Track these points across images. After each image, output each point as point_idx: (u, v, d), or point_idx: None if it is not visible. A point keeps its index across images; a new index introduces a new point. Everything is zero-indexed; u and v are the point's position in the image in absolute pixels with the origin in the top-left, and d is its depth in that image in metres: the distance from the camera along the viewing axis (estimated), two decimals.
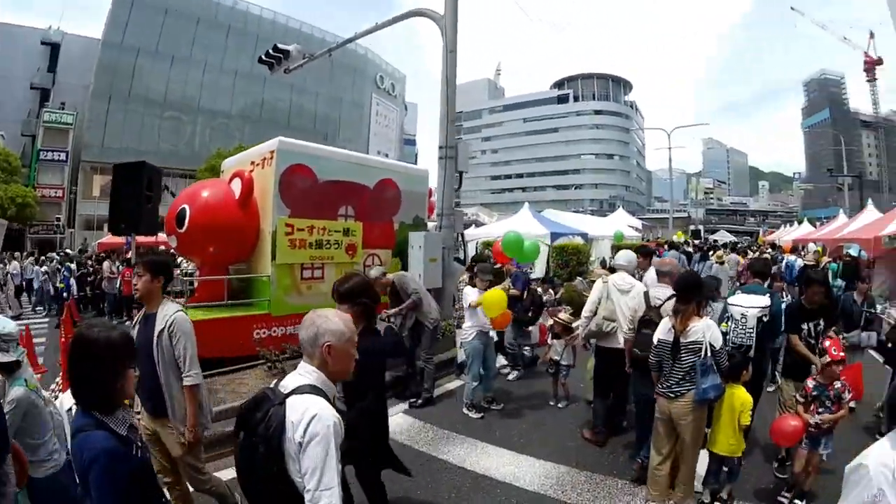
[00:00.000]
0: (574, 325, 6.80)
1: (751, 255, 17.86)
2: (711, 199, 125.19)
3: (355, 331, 2.28)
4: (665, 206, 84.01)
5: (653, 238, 29.77)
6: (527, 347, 8.52)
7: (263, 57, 13.02)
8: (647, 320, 4.80)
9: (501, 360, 8.24)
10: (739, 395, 4.22)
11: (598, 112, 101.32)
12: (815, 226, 29.31)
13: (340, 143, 45.46)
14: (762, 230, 59.25)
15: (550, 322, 7.41)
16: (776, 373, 6.42)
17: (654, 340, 4.29)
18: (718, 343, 4.04)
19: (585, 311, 5.70)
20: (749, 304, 5.12)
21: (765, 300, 5.14)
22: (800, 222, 31.72)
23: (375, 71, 65.76)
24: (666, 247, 16.95)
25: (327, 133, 54.50)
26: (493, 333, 7.14)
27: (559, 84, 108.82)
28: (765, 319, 5.06)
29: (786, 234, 30.52)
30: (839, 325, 6.48)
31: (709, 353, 3.97)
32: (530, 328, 8.59)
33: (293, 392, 2.03)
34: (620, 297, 5.46)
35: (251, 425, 2.03)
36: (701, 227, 58.16)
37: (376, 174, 9.88)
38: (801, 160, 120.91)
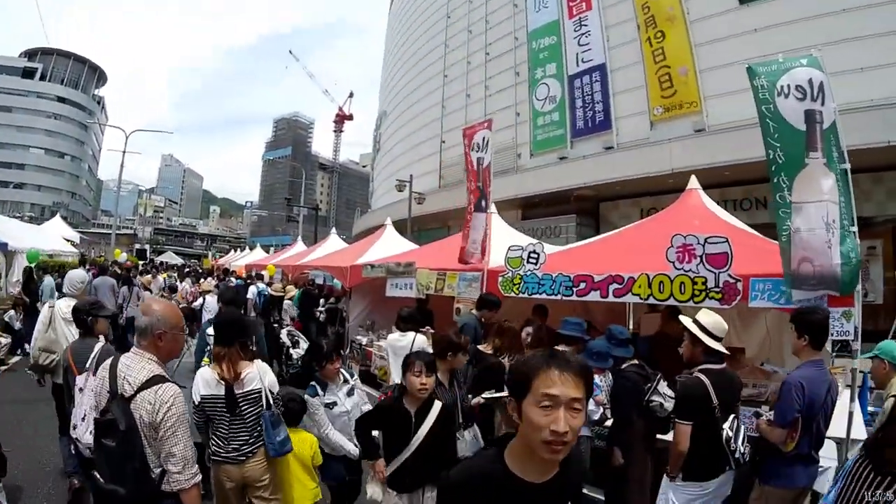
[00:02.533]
0: None
1: (210, 281, 17.47)
2: (161, 218, 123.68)
3: None
4: (112, 221, 77.08)
5: (94, 255, 27.10)
6: None
7: None
8: None
9: None
10: (304, 437, 3.94)
11: (61, 99, 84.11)
12: (267, 251, 31.47)
13: None
14: (211, 254, 61.28)
15: None
16: None
17: (196, 398, 3.55)
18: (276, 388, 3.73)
19: None
20: None
21: None
22: (251, 248, 33.14)
23: None
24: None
25: None
26: None
27: (32, 54, 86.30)
28: None
29: (237, 259, 30.71)
30: None
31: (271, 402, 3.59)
32: None
33: None
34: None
35: None
36: (147, 247, 56.95)
37: None
38: (255, 190, 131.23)
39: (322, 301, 12.83)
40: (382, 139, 44.99)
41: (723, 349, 3.82)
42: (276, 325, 11.61)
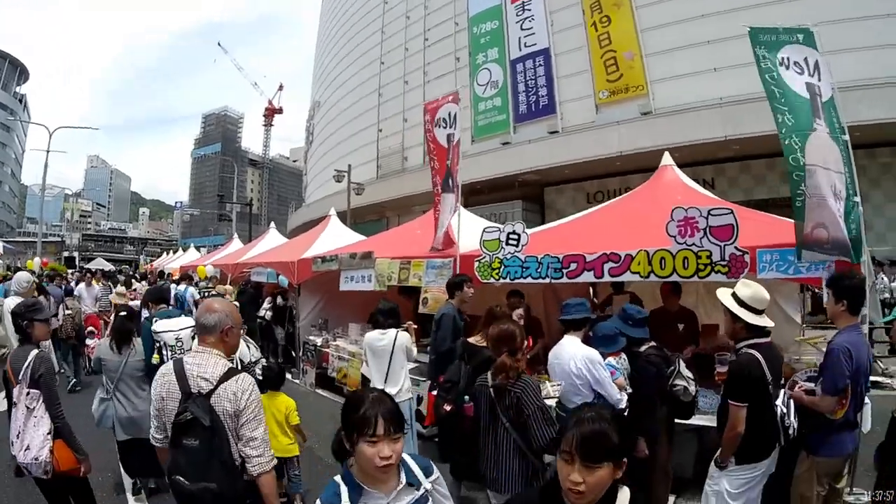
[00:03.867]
0: None
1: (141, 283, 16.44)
2: (89, 222, 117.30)
3: None
4: (38, 229, 71.01)
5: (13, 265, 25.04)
6: None
7: None
8: None
9: None
10: (282, 400, 4.73)
11: None
12: (200, 252, 29.87)
13: None
14: (142, 258, 58.31)
15: None
16: None
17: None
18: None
19: None
20: (178, 327, 4.92)
21: (189, 320, 5.05)
22: (185, 249, 31.87)
23: None
24: None
25: None
26: None
27: None
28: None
29: (171, 262, 29.13)
30: None
31: None
32: None
33: None
34: None
35: None
36: (76, 254, 53.30)
37: None
38: (185, 190, 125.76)
39: (269, 300, 11.69)
40: (316, 130, 43.48)
41: (767, 322, 3.53)
42: None
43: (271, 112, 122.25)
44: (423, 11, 28.38)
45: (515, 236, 6.00)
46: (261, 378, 4.51)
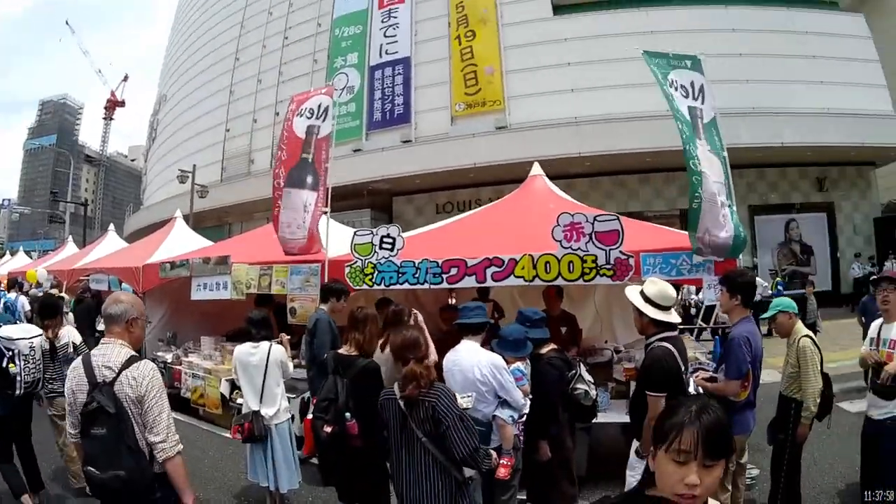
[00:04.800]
0: None
1: None
2: None
3: None
4: None
5: None
6: None
7: None
8: None
9: None
10: None
11: None
12: (31, 257, 25.85)
13: None
14: None
15: None
16: None
17: None
18: None
19: None
20: (30, 334, 4.76)
21: (36, 329, 4.95)
22: (13, 253, 27.38)
23: None
24: None
25: None
26: None
27: None
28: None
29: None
30: None
31: None
32: None
33: None
34: None
35: None
36: None
37: None
38: (13, 187, 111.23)
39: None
40: (160, 126, 39.76)
41: (672, 318, 3.67)
42: None
43: (113, 104, 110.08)
44: (286, 9, 27.07)
45: (390, 240, 5.63)
46: None
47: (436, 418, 3.03)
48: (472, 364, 3.82)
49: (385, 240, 5.61)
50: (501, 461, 3.74)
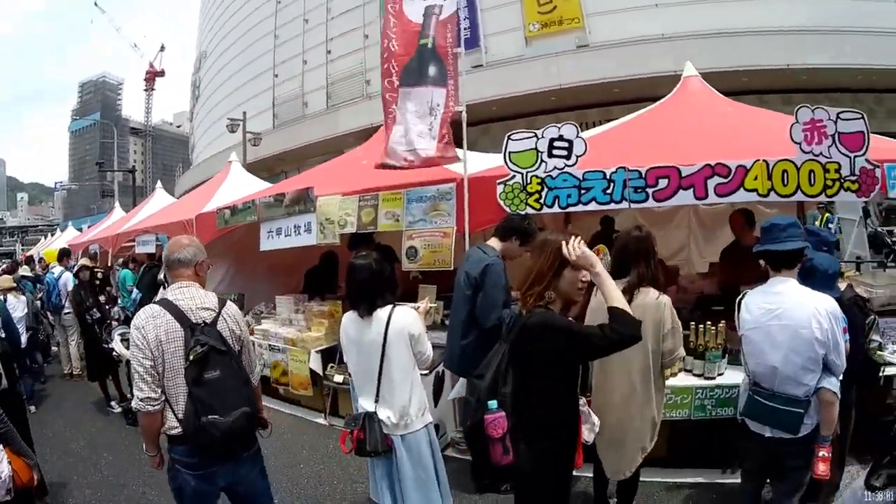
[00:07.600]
0: None
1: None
2: None
3: None
4: None
5: None
6: None
7: None
8: None
9: None
10: None
11: None
12: (81, 230, 25.30)
13: None
14: (19, 248, 51.54)
15: None
16: None
17: None
18: None
19: None
20: None
21: None
22: (63, 230, 27.11)
23: None
24: None
25: None
26: None
27: None
28: None
29: (47, 245, 23.83)
30: None
31: None
32: None
33: None
34: None
35: None
36: None
37: None
38: (66, 169, 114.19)
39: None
40: (203, 84, 38.84)
41: None
42: (98, 325, 6.79)
43: (153, 75, 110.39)
44: None
45: (565, 144, 4.01)
46: None
47: None
48: (808, 315, 2.53)
49: (557, 143, 4.05)
50: (820, 453, 2.61)
